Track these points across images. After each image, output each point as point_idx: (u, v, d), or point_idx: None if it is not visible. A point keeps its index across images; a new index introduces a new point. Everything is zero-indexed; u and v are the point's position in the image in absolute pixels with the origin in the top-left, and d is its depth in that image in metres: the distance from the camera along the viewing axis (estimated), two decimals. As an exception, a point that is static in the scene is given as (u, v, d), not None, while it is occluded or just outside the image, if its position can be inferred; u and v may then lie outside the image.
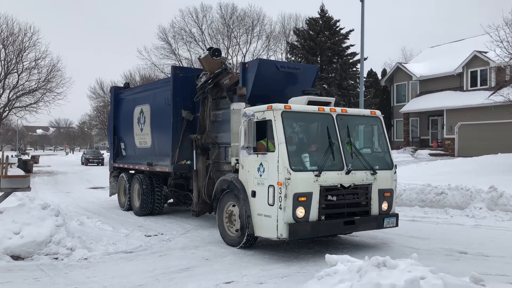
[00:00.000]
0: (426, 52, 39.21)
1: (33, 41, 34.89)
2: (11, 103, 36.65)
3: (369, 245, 8.61)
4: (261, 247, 8.36)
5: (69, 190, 20.13)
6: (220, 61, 10.35)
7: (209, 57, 10.30)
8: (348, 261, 5.17)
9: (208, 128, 10.30)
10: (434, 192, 13.01)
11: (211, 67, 10.30)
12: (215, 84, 10.25)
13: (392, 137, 35.33)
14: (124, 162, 14.20)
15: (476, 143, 26.39)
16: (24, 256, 7.59)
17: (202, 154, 10.36)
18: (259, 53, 45.59)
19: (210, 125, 10.34)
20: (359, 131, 8.69)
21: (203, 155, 10.36)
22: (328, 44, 34.30)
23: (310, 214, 7.34)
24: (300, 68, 10.52)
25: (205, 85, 10.33)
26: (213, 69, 10.28)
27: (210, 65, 10.31)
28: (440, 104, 29.76)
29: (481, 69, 28.48)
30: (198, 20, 45.31)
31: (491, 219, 11.06)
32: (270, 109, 7.61)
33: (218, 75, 10.18)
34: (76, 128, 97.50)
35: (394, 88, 36.41)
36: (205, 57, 10.38)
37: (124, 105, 14.35)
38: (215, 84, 10.25)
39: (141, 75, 49.51)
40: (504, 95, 18.86)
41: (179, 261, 7.52)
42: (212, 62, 10.29)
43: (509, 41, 17.57)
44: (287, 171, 7.17)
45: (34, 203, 8.64)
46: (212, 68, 10.30)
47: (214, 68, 10.29)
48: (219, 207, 8.77)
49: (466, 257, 7.68)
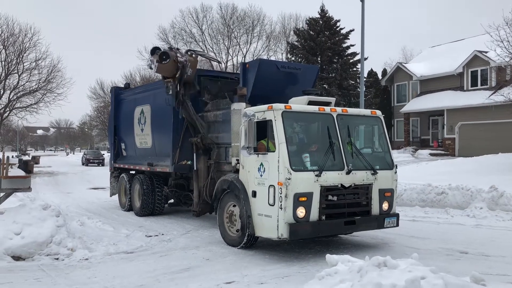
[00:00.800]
0: (427, 52, 39.21)
1: (34, 41, 34.92)
2: (12, 104, 36.67)
3: (370, 245, 8.61)
4: (261, 247, 8.36)
5: (69, 191, 20.14)
6: (173, 59, 9.71)
7: (160, 66, 9.70)
8: (349, 261, 5.18)
9: (202, 129, 10.28)
10: (434, 192, 13.01)
11: (169, 72, 9.80)
12: (185, 84, 9.89)
13: (392, 137, 35.33)
14: (124, 163, 14.21)
15: (476, 143, 26.38)
16: (25, 257, 7.59)
17: (203, 154, 10.36)
18: (259, 53, 45.67)
19: (203, 125, 10.28)
20: (359, 131, 8.69)
21: (204, 155, 10.36)
22: (329, 44, 34.31)
23: (310, 214, 7.34)
24: (301, 68, 10.53)
25: (178, 95, 10.07)
26: (172, 73, 9.78)
27: (167, 71, 9.78)
28: (440, 104, 29.76)
29: (482, 69, 28.47)
30: (198, 20, 45.38)
31: (492, 219, 11.05)
32: (271, 109, 7.61)
33: (181, 77, 9.67)
34: (77, 128, 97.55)
35: (394, 88, 36.41)
36: (158, 68, 9.73)
37: (125, 106, 14.36)
38: (185, 84, 9.89)
39: (142, 76, 49.53)
40: (504, 94, 18.85)
41: (180, 261, 7.52)
42: (167, 67, 9.73)
43: (509, 41, 17.57)
44: (287, 171, 7.17)
45: (35, 203, 8.65)
46: (170, 72, 9.78)
47: (172, 71, 9.80)
48: (220, 207, 8.78)
49: (467, 257, 7.68)
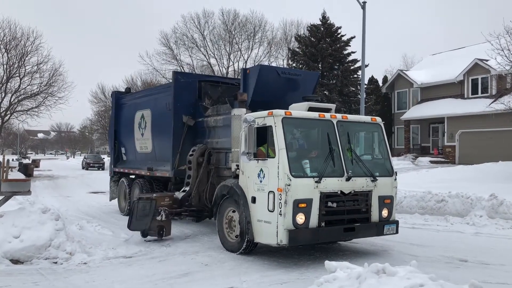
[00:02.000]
0: (427, 59, 39.31)
1: (36, 45, 35.04)
2: (13, 107, 36.72)
3: (369, 252, 8.59)
4: (261, 253, 8.34)
5: (69, 194, 20.13)
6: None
7: None
8: (348, 267, 5.16)
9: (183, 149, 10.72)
10: (434, 199, 12.99)
11: None
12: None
13: (393, 144, 35.34)
14: (124, 167, 14.22)
15: (477, 151, 26.39)
16: (24, 260, 7.58)
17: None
18: (260, 59, 45.79)
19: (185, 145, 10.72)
20: (359, 137, 8.70)
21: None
22: (330, 51, 34.36)
23: (310, 220, 7.33)
24: (301, 74, 10.55)
25: None
26: None
27: None
28: (441, 112, 29.79)
29: (482, 77, 28.53)
30: (200, 26, 45.53)
31: (492, 227, 11.03)
32: (271, 115, 7.62)
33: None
34: (77, 132, 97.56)
35: (395, 95, 36.48)
36: None
37: (125, 110, 14.39)
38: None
39: (143, 80, 49.66)
40: (505, 103, 18.90)
41: (178, 266, 7.50)
42: None
43: (510, 49, 17.62)
44: (287, 177, 7.17)
45: (34, 207, 8.65)
46: None
47: None
48: (219, 213, 8.77)
49: (466, 265, 7.67)
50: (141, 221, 9.42)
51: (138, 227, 9.48)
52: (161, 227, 9.45)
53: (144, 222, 9.39)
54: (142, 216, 9.43)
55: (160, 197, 9.90)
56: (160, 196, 9.98)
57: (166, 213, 9.47)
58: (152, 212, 9.36)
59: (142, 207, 9.51)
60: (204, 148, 10.27)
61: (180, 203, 10.09)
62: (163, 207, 9.58)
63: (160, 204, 9.63)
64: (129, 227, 9.58)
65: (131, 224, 9.54)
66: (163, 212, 9.44)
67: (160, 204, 9.63)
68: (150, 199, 9.62)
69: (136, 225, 9.49)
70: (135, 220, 9.49)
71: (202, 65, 46.62)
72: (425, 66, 36.39)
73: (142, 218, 9.42)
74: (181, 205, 10.08)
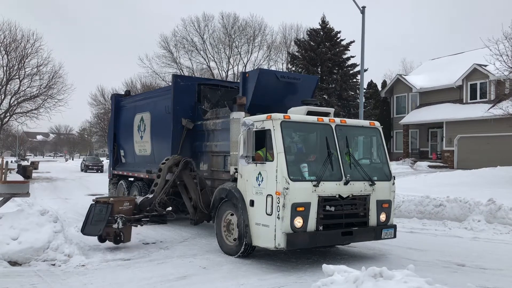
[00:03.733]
0: (426, 64, 39.42)
1: (36, 47, 35.05)
2: (12, 109, 36.73)
3: (367, 256, 8.61)
4: (259, 257, 8.35)
5: (68, 197, 20.10)
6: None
7: None
8: (345, 271, 5.18)
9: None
10: (432, 204, 13.01)
11: None
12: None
13: (391, 149, 35.39)
14: (123, 170, 14.23)
15: (475, 156, 26.44)
16: (22, 262, 7.58)
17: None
18: (260, 63, 45.87)
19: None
20: (358, 142, 8.72)
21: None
22: (329, 55, 34.45)
23: (308, 224, 7.35)
24: (300, 78, 10.60)
25: None
26: None
27: None
28: (439, 116, 29.86)
29: (481, 82, 28.63)
30: (200, 30, 45.63)
31: (490, 232, 11.05)
32: (270, 118, 7.65)
33: None
34: (76, 134, 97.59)
35: (394, 99, 36.56)
36: None
37: (125, 113, 14.41)
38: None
39: (142, 83, 49.76)
40: (503, 108, 18.96)
41: (176, 269, 7.51)
42: None
43: (508, 55, 17.70)
44: (285, 181, 7.19)
45: (33, 209, 8.66)
46: None
47: None
48: (218, 216, 8.78)
49: (464, 269, 7.68)
50: (95, 226, 8.90)
51: (91, 232, 8.94)
52: (117, 234, 8.97)
53: (98, 228, 8.87)
54: (97, 221, 8.94)
55: (118, 201, 9.34)
56: (118, 201, 9.44)
57: (123, 220, 8.94)
58: (107, 217, 8.87)
59: (99, 211, 9.02)
60: (179, 159, 10.16)
61: (139, 208, 9.69)
62: (120, 214, 9.04)
63: (117, 209, 9.09)
64: (82, 231, 9.06)
65: (84, 228, 9.02)
66: (120, 219, 8.90)
67: (117, 209, 9.09)
68: (107, 203, 9.12)
69: (89, 229, 8.96)
70: (89, 225, 8.99)
71: (201, 69, 46.71)
72: (424, 71, 36.48)
73: (97, 223, 8.92)
74: (141, 211, 9.68)
